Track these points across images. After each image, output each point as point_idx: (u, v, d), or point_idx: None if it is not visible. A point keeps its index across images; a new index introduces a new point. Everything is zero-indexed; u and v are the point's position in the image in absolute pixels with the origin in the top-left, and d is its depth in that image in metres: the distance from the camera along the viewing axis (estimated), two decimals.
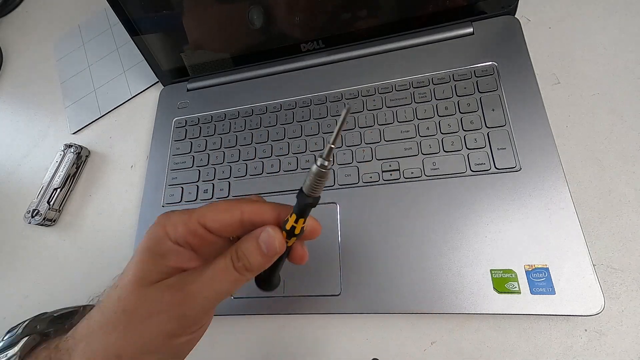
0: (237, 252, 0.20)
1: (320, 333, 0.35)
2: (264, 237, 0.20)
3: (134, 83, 0.55)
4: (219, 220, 0.20)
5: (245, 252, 0.20)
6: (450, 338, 0.32)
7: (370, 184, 0.37)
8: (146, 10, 0.43)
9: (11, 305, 0.47)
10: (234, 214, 0.20)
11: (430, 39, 0.41)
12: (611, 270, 0.30)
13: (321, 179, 0.19)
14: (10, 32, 0.72)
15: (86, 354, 0.20)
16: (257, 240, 0.20)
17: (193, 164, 0.45)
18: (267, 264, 0.21)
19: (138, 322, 0.19)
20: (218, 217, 0.20)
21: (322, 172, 0.19)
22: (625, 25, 0.38)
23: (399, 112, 0.39)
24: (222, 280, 0.20)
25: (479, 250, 0.31)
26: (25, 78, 0.66)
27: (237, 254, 0.20)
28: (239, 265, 0.20)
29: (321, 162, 0.19)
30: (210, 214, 0.20)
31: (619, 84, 0.35)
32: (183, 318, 0.20)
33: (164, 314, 0.19)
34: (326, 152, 0.19)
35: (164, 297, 0.19)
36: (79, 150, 0.51)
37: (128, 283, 0.20)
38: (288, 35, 0.44)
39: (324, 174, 0.19)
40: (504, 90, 0.36)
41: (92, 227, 0.48)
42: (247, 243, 0.20)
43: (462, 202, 0.33)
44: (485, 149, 0.35)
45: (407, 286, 0.32)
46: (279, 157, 0.41)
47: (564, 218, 0.30)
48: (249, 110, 0.45)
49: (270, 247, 0.20)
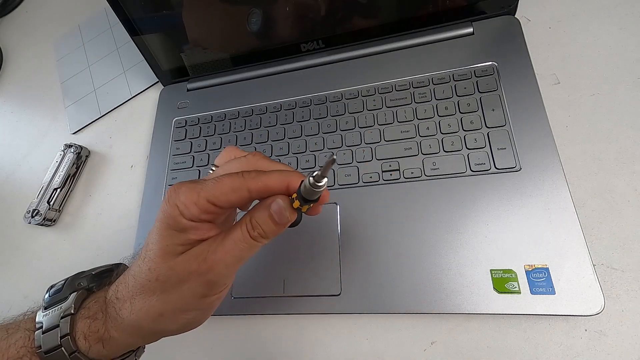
0: (252, 222, 0.22)
1: (320, 333, 0.35)
2: (275, 208, 0.21)
3: (134, 83, 0.55)
4: (228, 201, 0.21)
5: (258, 221, 0.22)
6: (450, 338, 0.32)
7: (370, 184, 0.37)
8: (146, 10, 0.43)
9: (11, 305, 0.47)
10: (242, 193, 0.21)
11: (430, 39, 0.41)
12: (611, 270, 0.30)
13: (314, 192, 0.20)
14: (10, 32, 0.72)
15: (133, 311, 0.22)
16: (269, 209, 0.21)
17: (193, 164, 0.45)
18: (280, 230, 0.22)
19: (172, 288, 0.22)
20: (227, 197, 0.21)
21: (313, 191, 0.20)
22: (625, 25, 0.38)
23: (399, 112, 0.39)
24: (241, 248, 0.22)
25: (478, 250, 0.31)
26: (25, 78, 0.66)
27: (252, 224, 0.22)
28: (254, 233, 0.22)
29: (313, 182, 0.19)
30: (220, 193, 0.21)
31: (619, 84, 0.35)
32: (210, 282, 0.22)
33: (194, 281, 0.22)
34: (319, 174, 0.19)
35: (192, 267, 0.21)
36: (79, 150, 0.51)
37: (155, 256, 0.22)
38: (288, 35, 0.44)
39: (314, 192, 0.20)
40: (504, 90, 0.36)
41: (92, 227, 0.48)
42: (259, 212, 0.22)
43: (462, 202, 0.33)
44: (485, 149, 0.35)
45: (407, 286, 0.32)
46: (278, 157, 0.41)
47: (564, 218, 0.30)
48: (249, 110, 0.45)
49: (282, 216, 0.21)
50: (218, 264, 0.21)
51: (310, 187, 0.20)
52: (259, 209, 0.22)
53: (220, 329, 0.37)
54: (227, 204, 0.21)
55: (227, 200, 0.21)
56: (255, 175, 0.22)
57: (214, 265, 0.21)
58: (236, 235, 0.22)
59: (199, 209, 0.21)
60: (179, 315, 0.23)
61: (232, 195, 0.21)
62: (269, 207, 0.22)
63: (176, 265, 0.22)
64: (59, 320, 0.23)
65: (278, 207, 0.21)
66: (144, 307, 0.22)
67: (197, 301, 0.22)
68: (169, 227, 0.21)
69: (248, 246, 0.22)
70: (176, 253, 0.22)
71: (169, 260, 0.22)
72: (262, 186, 0.21)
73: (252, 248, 0.22)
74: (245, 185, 0.21)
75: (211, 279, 0.22)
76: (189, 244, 0.22)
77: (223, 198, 0.21)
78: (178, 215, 0.21)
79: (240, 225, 0.22)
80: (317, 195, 0.21)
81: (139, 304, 0.22)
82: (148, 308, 0.22)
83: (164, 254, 0.22)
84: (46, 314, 0.24)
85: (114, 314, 0.23)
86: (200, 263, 0.21)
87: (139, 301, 0.22)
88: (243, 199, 0.21)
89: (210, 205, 0.21)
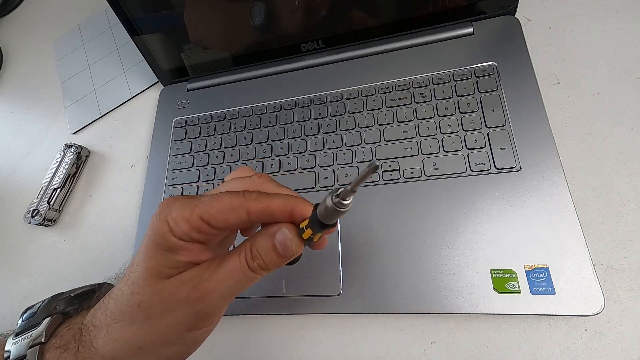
0: (252, 250, 0.19)
1: (320, 333, 0.35)
2: (280, 238, 0.19)
3: (134, 83, 0.55)
4: (224, 220, 0.19)
5: (260, 251, 0.19)
6: (450, 338, 0.32)
7: (370, 184, 0.37)
8: (146, 10, 0.43)
9: (11, 305, 0.47)
10: (240, 214, 0.19)
11: (430, 39, 0.41)
12: (611, 270, 0.30)
13: (336, 214, 0.17)
14: (10, 32, 0.72)
15: (109, 341, 0.20)
16: (273, 239, 0.19)
17: (193, 164, 0.45)
18: (283, 264, 0.20)
19: (156, 317, 0.19)
20: (223, 216, 0.19)
21: (336, 210, 0.17)
22: (625, 25, 0.38)
23: (399, 112, 0.39)
24: (237, 279, 0.19)
25: (478, 250, 0.31)
26: (25, 78, 0.66)
27: (252, 252, 0.19)
28: (253, 265, 0.19)
29: (336, 200, 0.17)
30: (216, 211, 0.19)
31: (619, 84, 0.35)
32: (199, 314, 0.20)
33: (181, 311, 0.19)
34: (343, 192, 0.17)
35: (180, 294, 0.19)
36: (79, 150, 0.51)
37: (140, 278, 0.19)
38: (288, 35, 0.44)
39: (338, 212, 0.17)
40: (504, 90, 0.36)
41: (92, 227, 0.48)
42: (262, 241, 0.19)
43: (462, 202, 0.33)
44: (485, 149, 0.35)
45: (407, 286, 0.32)
46: (279, 157, 0.41)
47: (564, 218, 0.30)
48: (249, 110, 0.45)
49: (287, 248, 0.19)
50: (210, 294, 0.19)
51: (334, 207, 0.17)
52: (262, 236, 0.20)
53: (220, 329, 0.37)
54: (223, 223, 0.19)
55: (223, 220, 0.19)
56: (257, 196, 0.19)
57: (205, 295, 0.19)
58: (233, 263, 0.19)
59: (191, 227, 0.19)
60: (160, 349, 0.20)
61: (229, 214, 0.19)
62: (274, 236, 0.19)
63: (163, 291, 0.19)
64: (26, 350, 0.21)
65: (283, 237, 0.19)
66: (122, 336, 0.20)
67: (182, 334, 0.20)
68: (157, 246, 0.19)
69: (245, 277, 0.19)
70: (163, 276, 0.19)
71: (154, 284, 0.19)
72: (263, 208, 0.19)
73: (249, 280, 0.20)
74: (244, 206, 0.19)
75: (201, 310, 0.19)
76: (178, 267, 0.20)
77: (219, 217, 0.19)
78: (167, 232, 0.19)
79: (239, 252, 0.20)
80: (337, 218, 0.18)
81: (117, 332, 0.20)
82: (127, 338, 0.20)
83: (150, 276, 0.19)
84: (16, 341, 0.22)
85: (89, 343, 0.21)
86: (191, 291, 0.19)
87: (116, 330, 0.20)
88: (241, 220, 0.19)
89: (203, 223, 0.19)
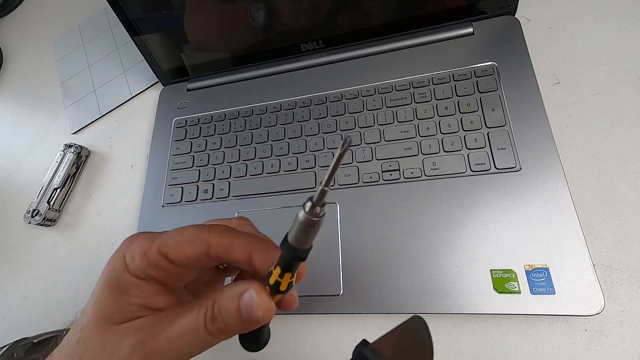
0: (213, 309, 0.17)
1: (320, 333, 0.35)
2: (247, 300, 0.17)
3: (134, 83, 0.55)
4: (182, 253, 0.17)
5: (222, 311, 0.17)
6: (450, 338, 0.31)
7: (370, 184, 0.37)
8: (146, 10, 0.43)
9: (11, 305, 0.47)
10: (200, 246, 0.17)
11: (430, 39, 0.41)
12: (611, 270, 0.30)
13: (311, 228, 0.15)
14: (10, 32, 0.72)
15: None
16: (238, 299, 0.17)
17: (193, 164, 0.45)
18: (246, 330, 0.18)
19: None
20: (182, 248, 0.17)
21: (312, 222, 0.14)
22: (625, 25, 0.38)
23: (399, 112, 0.39)
24: (190, 342, 0.17)
25: (478, 250, 0.31)
26: (25, 78, 0.66)
27: (213, 312, 0.17)
28: (212, 327, 0.17)
29: (310, 209, 0.14)
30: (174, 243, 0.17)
31: (619, 84, 0.35)
32: None
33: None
34: (317, 195, 0.14)
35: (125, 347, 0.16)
36: (79, 150, 0.51)
37: (87, 324, 0.17)
38: (288, 35, 0.44)
39: (314, 223, 0.14)
40: (504, 90, 0.36)
41: (92, 227, 0.48)
42: (226, 300, 0.17)
43: (462, 202, 0.33)
44: (485, 149, 0.35)
45: (407, 286, 0.32)
46: (279, 157, 0.41)
47: (564, 218, 0.30)
48: (249, 110, 0.45)
49: (253, 314, 0.17)
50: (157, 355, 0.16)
51: (309, 217, 0.14)
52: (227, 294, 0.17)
53: None
54: (181, 256, 0.17)
55: (181, 252, 0.17)
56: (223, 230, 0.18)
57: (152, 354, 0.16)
58: (188, 321, 0.17)
59: (148, 261, 0.17)
60: None
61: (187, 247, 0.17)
62: (240, 296, 0.17)
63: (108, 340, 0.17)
64: None
65: (250, 299, 0.16)
66: None
67: None
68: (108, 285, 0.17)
69: (201, 341, 0.17)
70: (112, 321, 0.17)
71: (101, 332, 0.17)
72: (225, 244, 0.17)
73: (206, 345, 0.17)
74: (205, 238, 0.17)
75: None
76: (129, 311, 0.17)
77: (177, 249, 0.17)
78: (122, 270, 0.17)
79: (199, 307, 0.17)
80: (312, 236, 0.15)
81: None
82: None
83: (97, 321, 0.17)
84: None
85: None
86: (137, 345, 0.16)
87: None
88: (199, 254, 0.17)
89: (162, 257, 0.17)
